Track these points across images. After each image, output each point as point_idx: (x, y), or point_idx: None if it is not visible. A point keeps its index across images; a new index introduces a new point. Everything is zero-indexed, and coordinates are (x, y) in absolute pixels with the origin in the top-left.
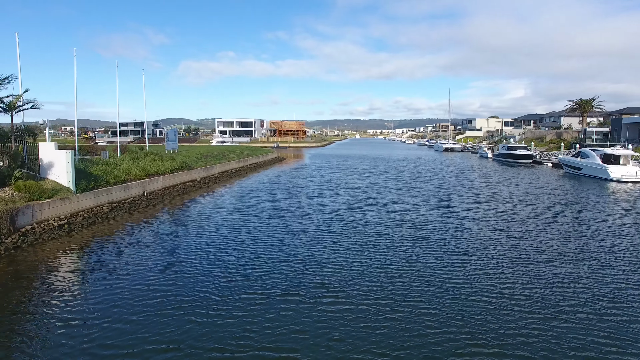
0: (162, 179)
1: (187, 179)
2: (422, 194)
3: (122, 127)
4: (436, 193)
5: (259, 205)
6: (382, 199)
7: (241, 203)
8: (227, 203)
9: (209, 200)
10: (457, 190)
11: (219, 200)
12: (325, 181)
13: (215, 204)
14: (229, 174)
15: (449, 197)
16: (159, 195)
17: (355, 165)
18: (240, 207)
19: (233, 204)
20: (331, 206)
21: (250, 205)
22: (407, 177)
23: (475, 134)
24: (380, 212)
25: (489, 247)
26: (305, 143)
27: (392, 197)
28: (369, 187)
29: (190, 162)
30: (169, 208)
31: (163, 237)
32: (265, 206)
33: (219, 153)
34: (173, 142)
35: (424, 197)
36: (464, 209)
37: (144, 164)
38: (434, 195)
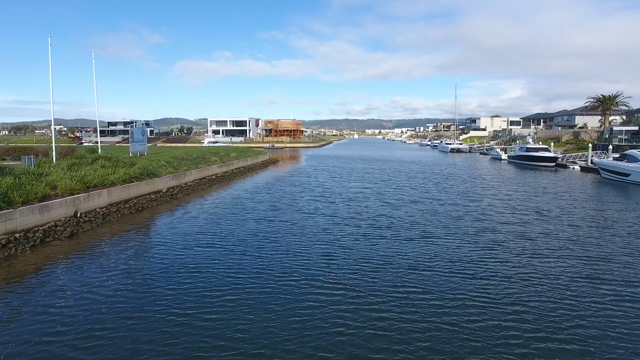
0: (107, 192)
1: (146, 191)
2: (447, 208)
3: (111, 127)
4: (465, 208)
5: (232, 230)
6: (399, 217)
7: (209, 227)
8: (189, 226)
9: (166, 221)
10: (490, 204)
11: (181, 221)
12: (323, 190)
13: (173, 229)
14: (207, 182)
15: (485, 215)
16: (99, 216)
17: (358, 168)
18: (207, 233)
19: (197, 227)
20: (332, 231)
21: (221, 229)
22: (420, 184)
23: (479, 134)
24: (400, 241)
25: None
26: (303, 143)
27: (410, 214)
28: (378, 198)
29: (156, 169)
30: (107, 235)
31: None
32: (240, 232)
33: (199, 155)
34: (141, 143)
35: (451, 214)
36: (515, 236)
37: (85, 172)
38: (464, 211)
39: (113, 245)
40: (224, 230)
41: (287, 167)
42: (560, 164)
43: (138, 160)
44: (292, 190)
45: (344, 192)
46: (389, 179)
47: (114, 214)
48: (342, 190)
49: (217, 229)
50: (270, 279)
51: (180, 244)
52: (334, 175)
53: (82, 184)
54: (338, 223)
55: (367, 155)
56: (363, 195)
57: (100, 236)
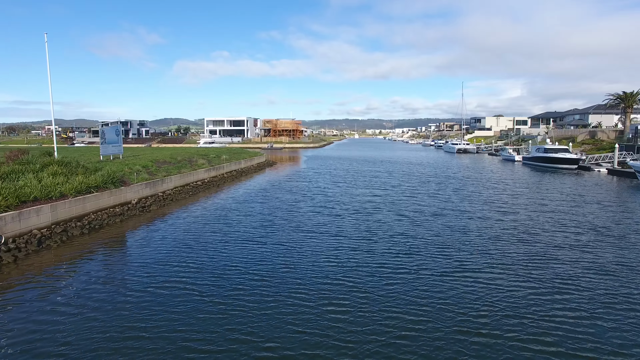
0: (51, 208)
1: (109, 203)
2: (478, 225)
3: (104, 127)
4: (501, 223)
5: (206, 260)
6: (422, 238)
7: (178, 253)
8: (152, 252)
9: (124, 245)
10: (529, 218)
11: (143, 244)
12: (326, 199)
13: (126, 257)
14: (191, 189)
15: (529, 233)
16: (34, 240)
17: (363, 171)
18: (173, 262)
19: (163, 254)
20: (337, 261)
21: (194, 259)
22: (437, 190)
23: (485, 134)
24: (430, 277)
25: None
26: (302, 144)
27: (435, 232)
28: (392, 209)
29: (128, 175)
30: (33, 270)
31: None
32: (217, 263)
33: (185, 158)
34: (115, 145)
35: (487, 233)
36: (586, 267)
37: (24, 182)
38: (500, 228)
39: (34, 288)
40: (196, 260)
41: (285, 170)
42: (583, 166)
43: (107, 165)
44: (289, 198)
45: (349, 201)
46: (399, 184)
47: (57, 236)
48: (348, 199)
49: (189, 257)
50: (251, 347)
51: (130, 282)
52: (336, 180)
53: (15, 198)
54: (344, 247)
55: (370, 156)
56: (373, 206)
57: (24, 271)
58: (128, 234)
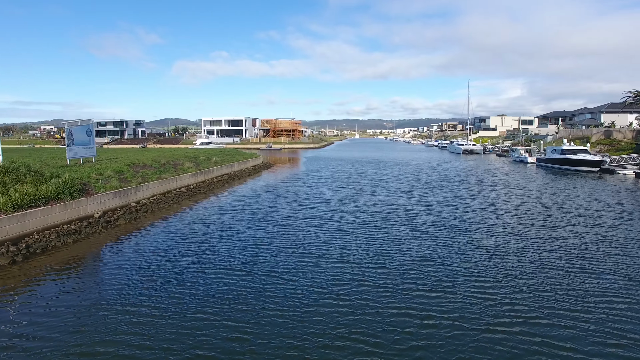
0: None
1: (62, 219)
2: (518, 245)
3: (100, 127)
4: (555, 246)
5: (170, 301)
6: (450, 264)
7: (137, 291)
8: (105, 288)
9: (70, 276)
10: (582, 237)
11: (95, 272)
12: (328, 208)
13: (61, 294)
14: (172, 197)
15: (593, 259)
16: None
17: (368, 173)
18: (131, 304)
19: (114, 292)
20: (341, 304)
21: (155, 298)
22: (454, 198)
23: (489, 134)
24: (472, 327)
25: None
26: (302, 144)
27: (466, 255)
28: (407, 223)
29: (93, 183)
30: None
31: None
32: (181, 308)
33: (170, 161)
34: (85, 146)
35: (533, 258)
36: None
37: None
38: (549, 250)
39: None
40: (156, 302)
41: (283, 173)
42: (605, 168)
43: (69, 171)
44: (285, 208)
45: (355, 211)
46: (410, 190)
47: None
48: (354, 209)
49: (147, 298)
50: None
51: (54, 336)
52: (339, 184)
53: None
54: (350, 280)
55: (373, 157)
56: (384, 217)
57: None
58: (74, 261)
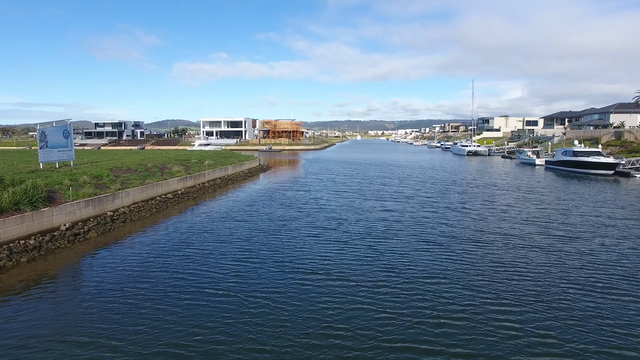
0: None
1: (20, 233)
2: (542, 260)
3: (98, 128)
4: (587, 260)
5: (135, 334)
6: (466, 282)
7: (96, 321)
8: (61, 317)
9: (8, 305)
10: (613, 249)
11: (52, 299)
12: (327, 218)
13: (11, 327)
14: (156, 204)
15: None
16: None
17: (371, 175)
18: (86, 337)
19: (73, 324)
20: (341, 334)
21: (111, 336)
22: (463, 204)
23: (493, 135)
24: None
25: None
26: (303, 145)
27: (483, 271)
28: (414, 234)
29: (63, 190)
30: None
31: None
32: (144, 345)
33: (157, 165)
34: (61, 149)
35: (562, 276)
36: None
37: None
38: (586, 271)
39: None
40: (114, 339)
41: (281, 176)
42: (619, 171)
43: (39, 176)
44: (280, 215)
45: (357, 218)
46: (415, 194)
47: None
48: (354, 216)
49: (116, 325)
50: None
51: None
52: (340, 188)
53: None
54: (351, 303)
55: (375, 158)
56: (387, 225)
57: None
58: (21, 288)
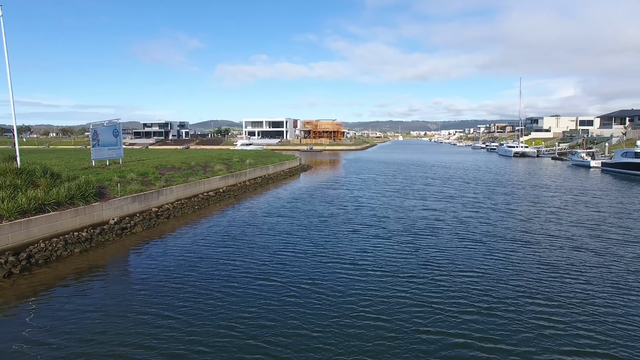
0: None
1: (73, 226)
2: (601, 262)
3: (146, 128)
4: None
5: (178, 321)
6: (515, 287)
7: (145, 310)
8: (113, 307)
9: (60, 295)
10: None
11: (99, 290)
12: (368, 215)
13: (64, 315)
14: (199, 201)
15: None
16: None
17: (413, 176)
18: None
19: (121, 314)
20: (384, 325)
21: (164, 324)
22: (508, 203)
23: (543, 135)
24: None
25: None
26: (344, 146)
27: (537, 276)
28: (458, 234)
29: (112, 186)
30: None
31: None
32: (205, 321)
33: (199, 163)
34: (112, 147)
35: (626, 282)
36: None
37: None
38: None
39: None
40: (179, 317)
41: (322, 176)
42: None
43: (91, 173)
44: (322, 212)
45: (398, 216)
46: (458, 194)
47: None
48: (397, 214)
49: (170, 306)
50: None
51: None
52: (381, 188)
53: None
54: (395, 295)
55: (417, 159)
56: (429, 225)
57: None
58: (75, 275)
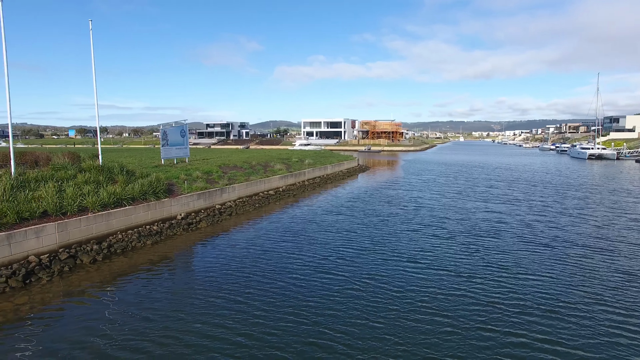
0: (57, 226)
1: (145, 219)
2: None
3: (209, 129)
4: None
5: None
6: (588, 294)
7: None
8: (181, 294)
9: (134, 282)
10: None
11: (170, 277)
12: (428, 216)
13: (140, 298)
14: (260, 199)
15: None
16: (20, 271)
17: (475, 178)
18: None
19: (191, 301)
20: (447, 321)
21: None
22: (581, 208)
23: (624, 136)
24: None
25: None
26: (402, 146)
27: (615, 285)
28: (524, 237)
29: (179, 183)
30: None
31: None
32: (273, 307)
33: (260, 163)
34: (179, 147)
35: None
36: None
37: (38, 193)
38: None
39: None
40: (248, 302)
41: (380, 176)
42: None
43: (160, 171)
44: (381, 211)
45: (460, 217)
46: (525, 198)
47: (58, 264)
48: (458, 215)
49: (238, 296)
50: None
51: (124, 344)
52: (442, 189)
53: (14, 215)
54: (456, 292)
55: (480, 161)
56: (492, 227)
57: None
58: (148, 264)
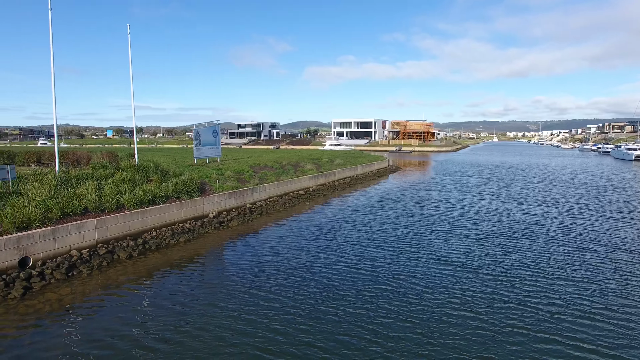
0: (97, 223)
1: (179, 217)
2: None
3: (240, 129)
4: None
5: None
6: (627, 299)
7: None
8: (211, 290)
9: (166, 279)
10: None
11: (200, 274)
12: (460, 217)
13: (171, 295)
14: (290, 199)
15: None
16: (63, 265)
17: (510, 179)
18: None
19: (223, 297)
20: (478, 321)
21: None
22: (625, 212)
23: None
24: None
25: None
26: (434, 147)
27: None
28: (560, 240)
29: (211, 182)
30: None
31: None
32: (308, 302)
33: (290, 163)
34: (211, 147)
35: None
36: None
37: (79, 191)
38: None
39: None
40: (281, 298)
41: (411, 177)
42: None
43: (193, 170)
44: (412, 212)
45: (493, 219)
46: (562, 200)
47: (97, 259)
48: (491, 216)
49: (273, 290)
50: None
51: (160, 340)
52: (475, 190)
53: (58, 211)
54: (487, 292)
55: (515, 162)
56: (527, 229)
57: (27, 311)
58: (181, 261)
